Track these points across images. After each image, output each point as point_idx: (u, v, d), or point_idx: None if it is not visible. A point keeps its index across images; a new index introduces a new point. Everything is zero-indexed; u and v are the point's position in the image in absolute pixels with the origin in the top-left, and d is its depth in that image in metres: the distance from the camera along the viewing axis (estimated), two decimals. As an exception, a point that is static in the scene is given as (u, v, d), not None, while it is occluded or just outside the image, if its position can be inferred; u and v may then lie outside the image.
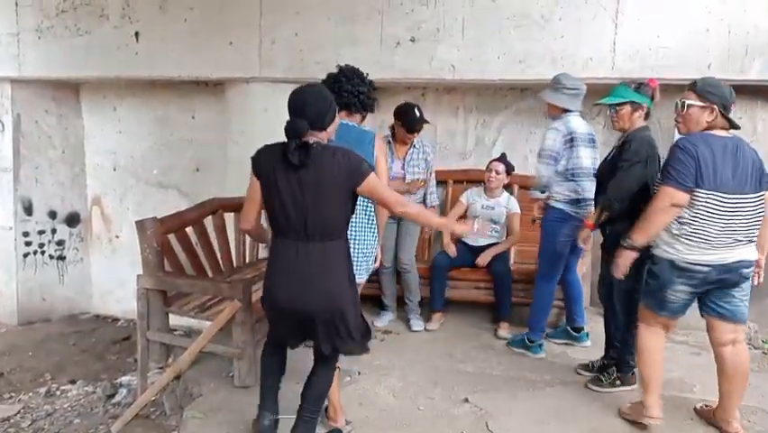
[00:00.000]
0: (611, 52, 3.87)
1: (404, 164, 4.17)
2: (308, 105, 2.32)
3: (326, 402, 2.74)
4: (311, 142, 2.29)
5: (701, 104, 2.58)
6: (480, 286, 4.26)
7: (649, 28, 3.80)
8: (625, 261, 2.75)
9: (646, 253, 2.77)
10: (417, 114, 3.98)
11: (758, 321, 4.12)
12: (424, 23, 4.16)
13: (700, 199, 2.53)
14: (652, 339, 2.80)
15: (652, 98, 3.04)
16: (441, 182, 4.94)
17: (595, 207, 3.27)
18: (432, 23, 4.15)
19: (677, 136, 2.74)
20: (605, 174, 3.13)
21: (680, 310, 2.73)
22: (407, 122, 3.96)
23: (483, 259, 4.17)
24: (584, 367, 3.50)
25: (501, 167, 4.24)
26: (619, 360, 3.25)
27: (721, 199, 2.53)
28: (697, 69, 3.63)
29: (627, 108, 3.03)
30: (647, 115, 3.09)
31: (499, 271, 4.14)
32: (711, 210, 2.54)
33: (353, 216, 2.51)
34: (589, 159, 3.51)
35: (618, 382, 3.22)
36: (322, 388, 2.58)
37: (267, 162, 2.37)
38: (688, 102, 2.61)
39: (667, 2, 3.76)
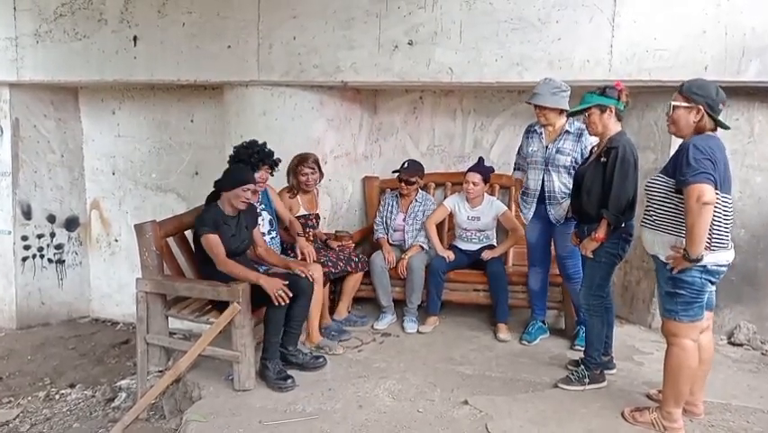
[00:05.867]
0: (608, 54, 3.88)
1: (405, 217, 4.46)
2: None
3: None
4: None
5: (687, 104, 2.63)
6: (479, 288, 4.27)
7: (646, 30, 3.81)
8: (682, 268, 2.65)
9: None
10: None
11: (756, 323, 4.13)
12: (421, 27, 4.17)
13: (720, 202, 2.57)
14: (697, 354, 2.75)
15: (618, 99, 3.11)
16: (439, 184, 4.97)
17: (571, 206, 3.40)
18: (429, 27, 4.16)
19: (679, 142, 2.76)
20: (585, 176, 3.20)
21: None
22: None
23: (488, 254, 4.23)
24: (574, 363, 3.53)
25: (477, 177, 4.25)
26: (585, 357, 3.36)
27: (730, 201, 2.63)
28: (693, 70, 3.64)
29: (596, 112, 3.13)
30: (619, 117, 3.16)
31: (495, 271, 4.16)
32: (728, 212, 2.62)
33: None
34: None
35: (587, 381, 3.26)
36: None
37: None
38: (674, 104, 2.67)
39: (664, 4, 3.77)
